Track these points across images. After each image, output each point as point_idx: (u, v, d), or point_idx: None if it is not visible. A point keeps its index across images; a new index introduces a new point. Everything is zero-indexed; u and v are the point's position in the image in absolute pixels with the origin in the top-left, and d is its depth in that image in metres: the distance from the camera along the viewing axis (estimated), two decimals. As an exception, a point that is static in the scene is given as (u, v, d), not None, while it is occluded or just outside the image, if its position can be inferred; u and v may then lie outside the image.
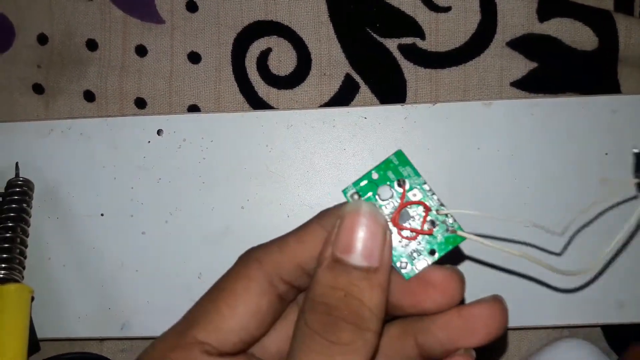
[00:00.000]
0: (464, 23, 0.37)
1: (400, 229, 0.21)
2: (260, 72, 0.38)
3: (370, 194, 0.22)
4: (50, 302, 0.36)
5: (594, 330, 0.36)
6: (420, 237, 0.21)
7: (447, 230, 0.21)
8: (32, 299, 0.35)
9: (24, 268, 0.35)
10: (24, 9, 0.39)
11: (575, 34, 0.36)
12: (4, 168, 0.37)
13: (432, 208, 0.21)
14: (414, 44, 0.37)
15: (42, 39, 0.39)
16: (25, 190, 0.36)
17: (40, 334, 0.36)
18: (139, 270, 0.36)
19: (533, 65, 0.37)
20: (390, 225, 0.21)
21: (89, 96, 0.39)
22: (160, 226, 0.36)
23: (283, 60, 0.38)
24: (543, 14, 0.36)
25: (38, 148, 0.37)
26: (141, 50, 0.38)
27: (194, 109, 0.38)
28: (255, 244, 0.23)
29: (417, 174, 0.22)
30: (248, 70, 0.38)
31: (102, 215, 0.37)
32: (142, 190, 0.36)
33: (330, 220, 0.21)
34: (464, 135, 0.35)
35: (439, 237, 0.21)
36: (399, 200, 0.21)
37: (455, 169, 0.35)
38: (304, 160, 0.36)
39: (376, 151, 0.36)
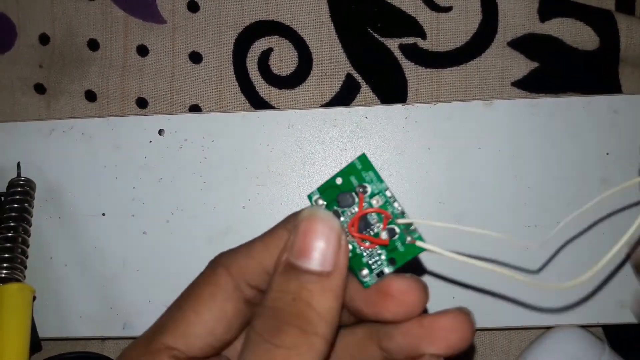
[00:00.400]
0: (465, 23, 0.37)
1: (359, 237, 0.21)
2: (261, 72, 0.38)
3: (333, 200, 0.21)
4: (52, 301, 0.36)
5: (596, 330, 0.36)
6: (375, 248, 0.21)
7: (407, 240, 0.21)
8: (34, 298, 0.35)
9: (25, 268, 0.35)
10: (25, 8, 0.39)
11: (577, 34, 0.36)
12: (5, 168, 0.37)
13: (392, 216, 0.21)
14: (415, 44, 0.37)
15: (44, 39, 0.39)
16: (27, 190, 0.36)
17: (41, 334, 0.36)
18: (140, 270, 0.36)
19: (534, 65, 0.37)
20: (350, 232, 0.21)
21: (91, 96, 0.39)
22: (161, 226, 0.36)
23: (284, 60, 0.38)
24: (544, 14, 0.36)
25: (40, 148, 0.37)
26: (142, 50, 0.38)
27: (195, 108, 0.38)
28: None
29: (380, 180, 0.21)
30: (249, 70, 0.38)
31: (103, 214, 0.37)
32: (144, 190, 0.36)
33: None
34: (464, 135, 0.35)
35: (399, 246, 0.21)
36: (356, 208, 0.21)
37: (456, 169, 0.35)
38: (305, 160, 0.36)
39: (377, 151, 0.36)
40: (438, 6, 0.37)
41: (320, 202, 0.21)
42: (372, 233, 0.21)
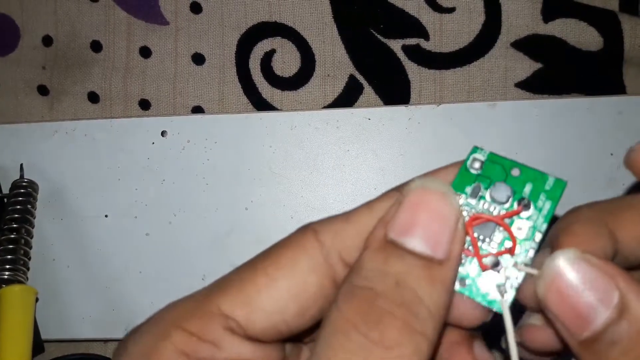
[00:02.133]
0: (468, 24, 0.37)
1: (473, 238, 0.17)
2: (264, 73, 0.38)
3: (487, 178, 0.18)
4: (55, 303, 0.36)
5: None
6: (469, 259, 0.17)
7: (500, 291, 0.17)
8: (37, 300, 0.35)
9: (28, 269, 0.35)
10: (29, 10, 0.39)
11: (580, 35, 0.36)
12: (8, 169, 0.37)
13: (516, 254, 0.17)
14: (418, 45, 0.37)
15: (47, 41, 0.39)
16: (30, 192, 0.36)
17: (44, 335, 0.36)
18: (143, 272, 0.36)
19: (538, 66, 0.37)
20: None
21: (94, 97, 0.39)
22: (164, 227, 0.36)
23: (287, 62, 0.38)
24: (548, 15, 0.36)
25: (42, 149, 0.37)
26: (145, 52, 0.38)
27: (197, 110, 0.38)
28: (259, 246, 0.19)
29: (548, 219, 0.17)
30: (252, 71, 0.38)
31: (106, 216, 0.37)
32: (146, 192, 0.36)
33: None
34: (468, 136, 0.35)
35: (484, 286, 0.17)
36: (502, 212, 0.17)
37: (459, 170, 0.35)
38: (308, 162, 0.36)
39: (380, 152, 0.36)
40: (441, 7, 0.37)
41: (477, 165, 0.18)
42: (480, 245, 0.17)
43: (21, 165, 0.37)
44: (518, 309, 0.19)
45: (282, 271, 0.17)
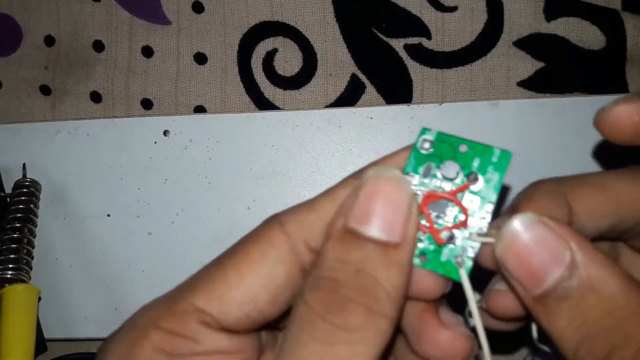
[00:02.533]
0: (470, 23, 0.37)
1: (427, 215, 0.18)
2: (266, 73, 0.38)
3: (436, 157, 0.18)
4: (57, 302, 0.36)
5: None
6: (427, 236, 0.18)
7: (456, 258, 0.18)
8: (39, 299, 0.35)
9: (31, 268, 0.36)
10: (31, 10, 0.39)
11: (583, 33, 0.36)
12: (11, 169, 0.37)
13: (469, 226, 0.18)
14: (420, 44, 0.37)
15: (49, 41, 0.39)
16: (32, 191, 0.36)
17: (47, 334, 0.36)
18: (146, 271, 0.36)
19: (540, 65, 0.36)
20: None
21: (96, 97, 0.39)
22: (166, 227, 0.36)
23: (289, 61, 0.38)
24: (550, 13, 0.36)
25: (45, 149, 0.37)
26: (147, 51, 0.39)
27: (200, 109, 0.38)
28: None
29: (498, 189, 0.18)
30: (254, 70, 0.38)
31: (108, 215, 0.37)
32: (149, 191, 0.36)
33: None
34: (470, 135, 0.35)
35: (443, 255, 0.18)
36: (452, 188, 0.18)
37: (461, 169, 0.35)
38: (310, 161, 0.36)
39: (382, 151, 0.35)
40: (443, 6, 0.37)
41: (427, 146, 0.19)
42: (436, 221, 0.18)
43: (24, 164, 0.37)
44: (482, 278, 0.20)
45: (252, 265, 0.18)
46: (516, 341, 0.36)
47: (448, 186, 0.18)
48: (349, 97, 0.37)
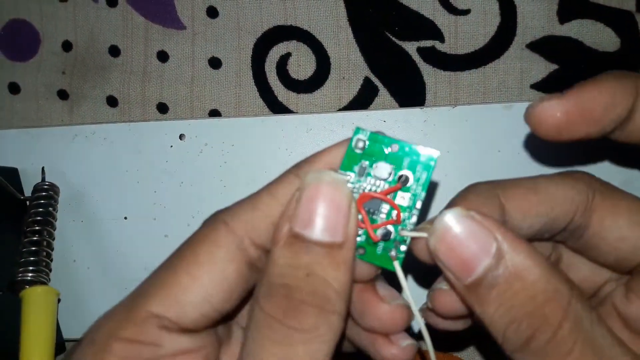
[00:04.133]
0: (483, 25, 0.37)
1: (364, 214, 0.19)
2: (279, 77, 0.38)
3: (370, 156, 0.20)
4: (76, 303, 0.37)
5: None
6: (364, 231, 0.20)
7: (390, 252, 0.20)
8: (59, 300, 0.35)
9: (50, 271, 0.36)
10: (49, 17, 0.40)
11: (597, 35, 0.36)
12: (30, 173, 0.38)
13: (401, 222, 0.19)
14: (433, 47, 0.37)
15: (67, 46, 0.40)
16: (51, 195, 0.37)
17: (65, 335, 0.37)
18: (162, 273, 0.37)
19: (553, 67, 0.36)
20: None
21: (112, 101, 0.39)
22: (182, 229, 0.37)
23: (302, 65, 0.38)
24: (563, 16, 0.36)
25: (63, 153, 0.38)
26: (163, 56, 0.39)
27: (215, 113, 0.39)
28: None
29: (426, 188, 0.20)
30: (268, 74, 0.38)
31: (125, 218, 0.37)
32: (165, 194, 0.37)
33: (308, 169, 0.19)
34: (484, 138, 0.35)
35: (379, 249, 0.20)
36: (386, 187, 0.19)
37: (475, 172, 0.35)
38: (324, 164, 0.36)
39: (396, 154, 0.36)
40: (456, 9, 0.37)
41: (361, 145, 0.20)
42: (372, 217, 0.20)
43: (42, 168, 0.37)
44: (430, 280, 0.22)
45: (203, 267, 0.19)
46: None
47: (381, 186, 0.20)
48: (362, 101, 0.38)
